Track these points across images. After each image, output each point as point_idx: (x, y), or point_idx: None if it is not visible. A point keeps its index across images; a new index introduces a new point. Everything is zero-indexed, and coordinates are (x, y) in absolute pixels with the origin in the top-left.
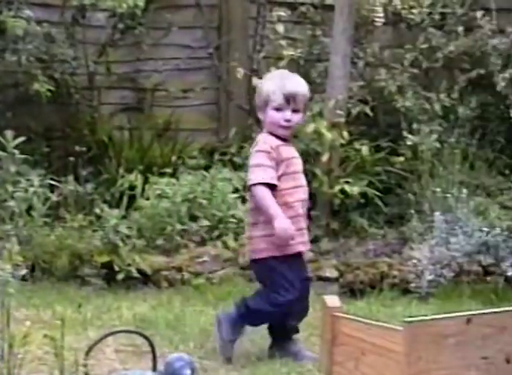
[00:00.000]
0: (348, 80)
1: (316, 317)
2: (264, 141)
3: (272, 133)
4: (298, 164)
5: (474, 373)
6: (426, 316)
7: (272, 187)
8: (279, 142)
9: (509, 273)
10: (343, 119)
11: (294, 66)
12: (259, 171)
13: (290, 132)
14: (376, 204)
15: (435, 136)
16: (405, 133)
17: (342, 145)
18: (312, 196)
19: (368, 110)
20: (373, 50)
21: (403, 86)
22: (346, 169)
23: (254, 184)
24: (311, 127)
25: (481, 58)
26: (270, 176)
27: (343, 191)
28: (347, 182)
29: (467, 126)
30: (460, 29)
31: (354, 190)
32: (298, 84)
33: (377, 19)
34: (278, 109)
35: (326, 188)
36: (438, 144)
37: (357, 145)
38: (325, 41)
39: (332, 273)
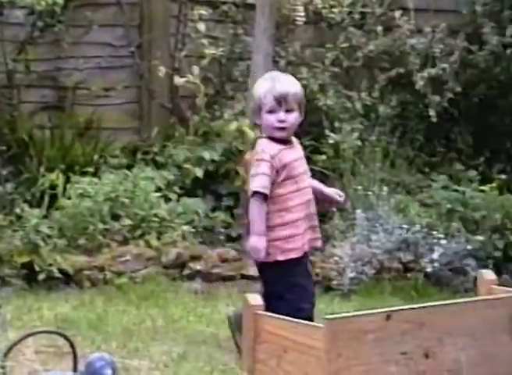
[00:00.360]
0: None
1: None
2: (262, 149)
3: (270, 138)
4: (301, 166)
5: (393, 369)
6: (348, 312)
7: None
8: (279, 146)
9: (428, 269)
10: None
11: (216, 64)
12: (258, 180)
13: (288, 133)
14: None
15: (356, 134)
16: (327, 132)
17: None
18: (235, 195)
19: None
20: (294, 49)
21: (324, 85)
22: None
23: (252, 194)
24: (233, 126)
25: (400, 57)
26: (262, 185)
27: None
28: None
29: (387, 125)
30: (380, 28)
31: None
32: (288, 84)
33: (298, 19)
34: (271, 112)
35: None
36: (359, 143)
37: None
38: (247, 40)
39: (255, 271)
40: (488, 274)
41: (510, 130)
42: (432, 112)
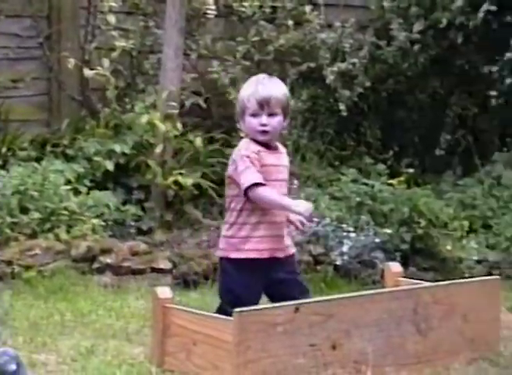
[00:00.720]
0: (181, 71)
1: (149, 309)
2: (245, 147)
3: (253, 140)
4: (281, 172)
5: (301, 361)
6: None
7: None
8: (259, 148)
9: (338, 262)
10: (176, 111)
11: (127, 57)
12: (248, 174)
13: (270, 136)
14: (210, 195)
15: None
16: (238, 125)
17: (175, 137)
18: (146, 188)
19: (201, 102)
20: (205, 42)
21: (235, 78)
22: (180, 160)
23: (249, 188)
24: (144, 119)
25: (310, 51)
26: (259, 176)
27: (177, 183)
28: (181, 173)
29: (298, 119)
30: (290, 23)
31: (188, 181)
32: (272, 88)
33: (209, 12)
34: (254, 115)
35: (160, 180)
36: None
37: (190, 137)
38: (158, 33)
39: (165, 264)
40: (395, 267)
41: (417, 125)
42: (342, 107)
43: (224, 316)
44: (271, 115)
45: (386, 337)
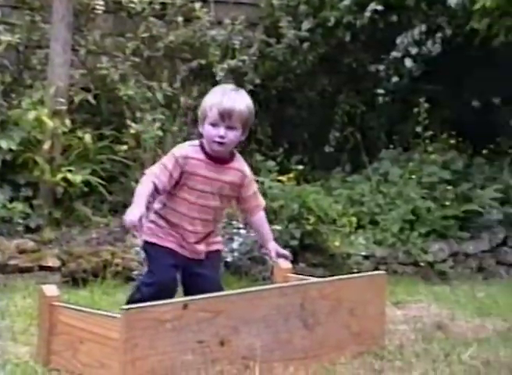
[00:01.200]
0: (69, 67)
1: (36, 307)
2: (183, 146)
3: (202, 147)
4: (214, 186)
5: (190, 357)
6: None
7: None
8: (200, 156)
9: (228, 259)
10: (64, 107)
11: (13, 52)
12: (157, 169)
13: (224, 149)
14: (100, 192)
15: (158, 124)
16: (128, 122)
17: (64, 133)
18: (34, 185)
19: (90, 98)
20: (94, 38)
21: (125, 74)
22: (69, 157)
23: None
24: (32, 115)
25: (201, 48)
26: (159, 179)
27: (66, 180)
28: (70, 170)
29: (188, 115)
30: (180, 19)
31: (77, 178)
32: (236, 101)
33: (97, 7)
34: (213, 125)
35: (48, 177)
36: (160, 133)
37: (79, 133)
38: (45, 28)
39: (54, 262)
40: (284, 263)
41: (307, 123)
42: None
43: (109, 313)
44: (230, 128)
45: (274, 333)
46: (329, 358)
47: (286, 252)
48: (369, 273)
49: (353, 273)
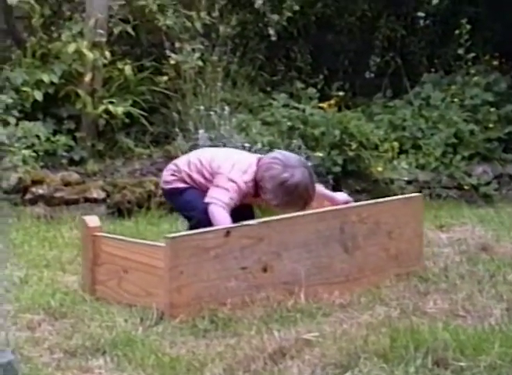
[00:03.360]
0: None
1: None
2: None
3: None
4: None
5: (233, 284)
6: None
7: None
8: None
9: None
10: (104, 39)
11: None
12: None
13: None
14: (142, 124)
15: (197, 54)
16: (168, 53)
17: (104, 65)
18: (77, 117)
19: (129, 29)
20: None
21: (163, 4)
22: (110, 89)
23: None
24: (72, 47)
25: None
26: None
27: (107, 112)
28: (112, 102)
29: (228, 45)
30: None
31: (119, 110)
32: None
33: None
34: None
35: (90, 109)
36: (200, 63)
37: (120, 65)
38: None
39: (99, 194)
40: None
41: (346, 49)
42: (271, 31)
43: (153, 243)
44: None
45: (315, 258)
46: (370, 281)
47: None
48: (406, 195)
49: None
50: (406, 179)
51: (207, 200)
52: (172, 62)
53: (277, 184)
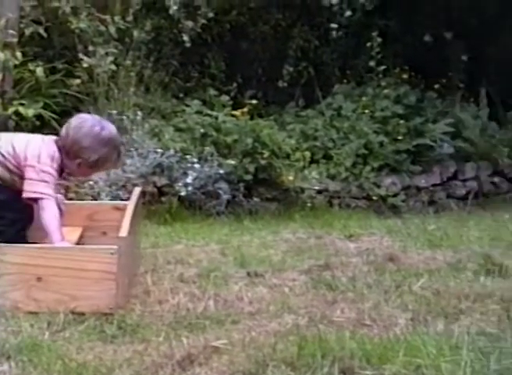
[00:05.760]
0: None
1: None
2: None
3: None
4: None
5: None
6: None
7: None
8: None
9: (182, 193)
10: (15, 39)
11: None
12: None
13: None
14: (53, 127)
15: (110, 58)
16: (81, 55)
17: (15, 66)
18: None
19: (42, 31)
20: None
21: (77, 7)
22: (21, 90)
23: None
24: None
25: None
26: None
27: (17, 113)
28: (22, 104)
29: (142, 49)
30: None
31: (29, 112)
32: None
33: None
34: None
35: (0, 110)
36: (113, 67)
37: (31, 67)
38: None
39: None
40: None
41: (260, 57)
42: (185, 38)
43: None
44: None
45: None
46: None
47: None
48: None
49: (307, 207)
50: (316, 188)
51: (32, 195)
52: (85, 65)
53: (93, 138)
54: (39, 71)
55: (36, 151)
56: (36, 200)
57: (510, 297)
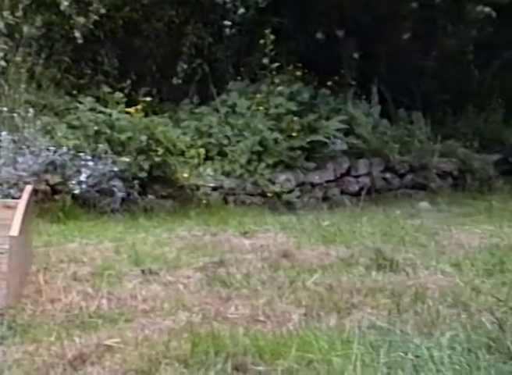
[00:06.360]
0: None
1: None
2: None
3: None
4: None
5: None
6: None
7: None
8: None
9: (76, 191)
10: None
11: None
12: None
13: None
14: None
15: (0, 54)
16: None
17: None
18: None
19: None
20: None
21: None
22: None
23: None
24: None
25: None
26: None
27: None
28: None
29: (33, 45)
30: None
31: None
32: None
33: None
34: None
35: None
36: (3, 63)
37: None
38: None
39: None
40: None
41: (154, 54)
42: (77, 34)
43: None
44: None
45: None
46: None
47: None
48: None
49: (202, 204)
50: (211, 185)
51: None
52: None
53: None
54: None
55: None
56: None
57: (401, 291)
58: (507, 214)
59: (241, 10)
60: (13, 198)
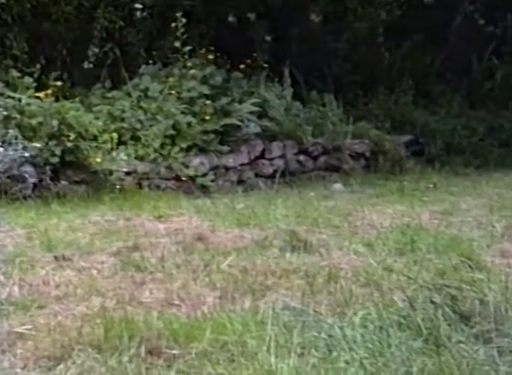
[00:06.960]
0: None
1: None
2: None
3: None
4: None
5: None
6: None
7: None
8: None
9: None
10: None
11: None
12: None
13: None
14: None
15: None
16: None
17: None
18: None
19: None
20: None
21: None
22: None
23: None
24: None
25: None
26: None
27: None
28: None
29: None
30: None
31: None
32: None
33: None
34: None
35: None
36: None
37: None
38: None
39: None
40: None
41: (65, 38)
42: None
43: None
44: None
45: None
46: None
47: None
48: None
49: (116, 189)
50: (125, 170)
51: None
52: None
53: None
54: None
55: None
56: None
57: (314, 272)
58: (418, 194)
59: None
60: None
